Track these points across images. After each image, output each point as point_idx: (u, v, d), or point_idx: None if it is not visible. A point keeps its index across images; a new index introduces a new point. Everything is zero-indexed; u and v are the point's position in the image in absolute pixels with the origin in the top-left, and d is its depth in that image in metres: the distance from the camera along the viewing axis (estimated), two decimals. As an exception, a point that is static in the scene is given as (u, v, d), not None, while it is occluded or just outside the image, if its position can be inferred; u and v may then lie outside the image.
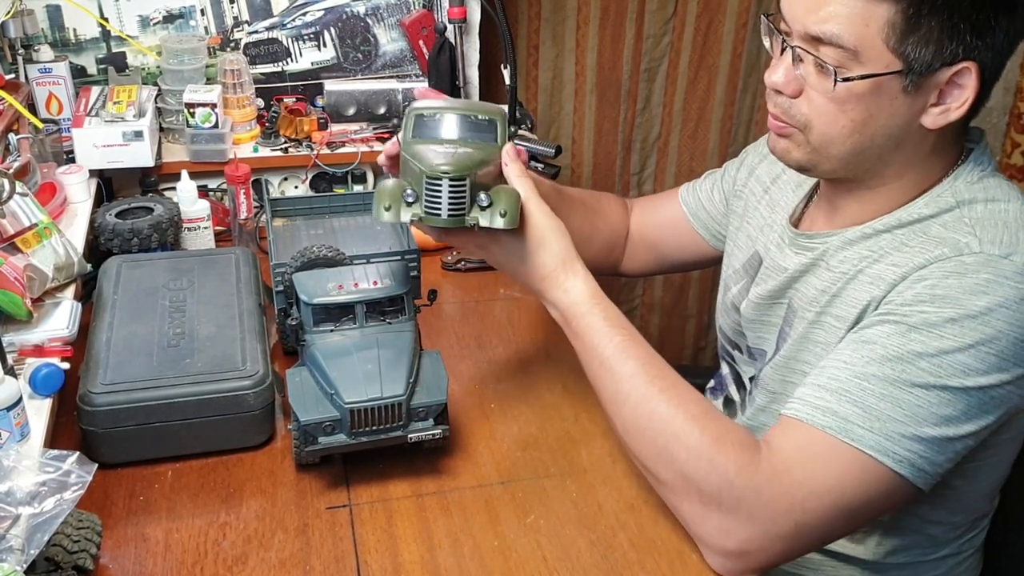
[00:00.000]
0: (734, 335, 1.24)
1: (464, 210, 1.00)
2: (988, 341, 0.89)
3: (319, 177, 1.64)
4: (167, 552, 0.96)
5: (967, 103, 0.93)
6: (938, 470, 0.91)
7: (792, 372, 1.09)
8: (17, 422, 0.96)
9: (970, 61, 0.91)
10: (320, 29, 1.72)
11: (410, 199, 1.00)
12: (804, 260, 1.08)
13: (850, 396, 0.91)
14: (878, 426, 0.89)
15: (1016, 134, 2.11)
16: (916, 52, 0.91)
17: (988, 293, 0.90)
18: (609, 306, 1.02)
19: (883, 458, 0.89)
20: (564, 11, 1.99)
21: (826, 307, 1.04)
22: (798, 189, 1.18)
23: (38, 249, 1.17)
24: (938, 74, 0.92)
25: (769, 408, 1.14)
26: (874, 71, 0.92)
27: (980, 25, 0.90)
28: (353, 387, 1.02)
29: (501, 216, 1.00)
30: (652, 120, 2.15)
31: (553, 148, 1.55)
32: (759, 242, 1.20)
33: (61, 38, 1.63)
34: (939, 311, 0.90)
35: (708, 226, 1.34)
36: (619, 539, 0.99)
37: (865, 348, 0.93)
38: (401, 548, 0.98)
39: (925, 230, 0.98)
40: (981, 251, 0.92)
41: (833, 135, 0.97)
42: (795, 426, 0.93)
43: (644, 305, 2.36)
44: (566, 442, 1.14)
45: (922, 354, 0.90)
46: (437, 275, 1.48)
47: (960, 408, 0.90)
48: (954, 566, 1.13)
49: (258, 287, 1.26)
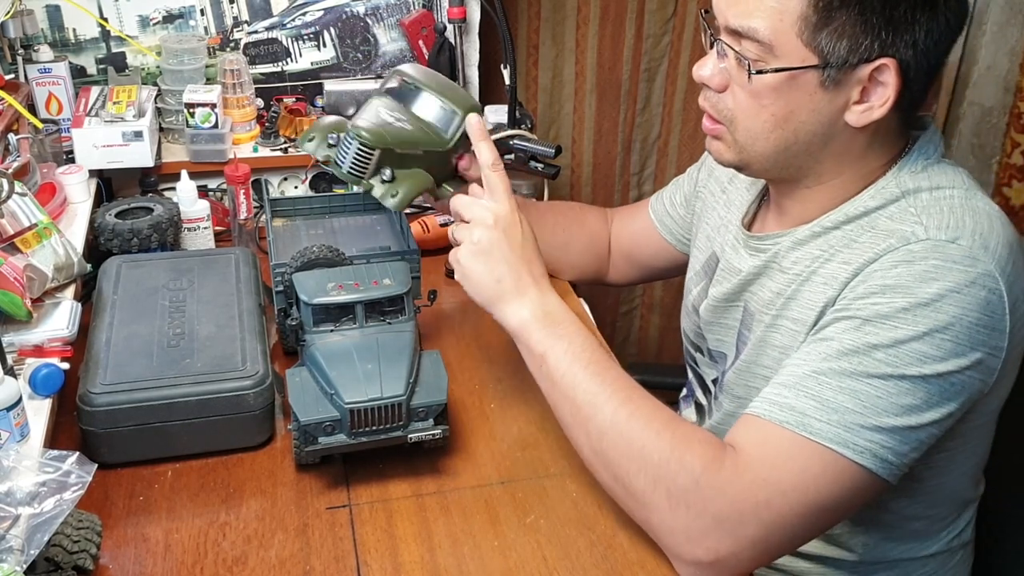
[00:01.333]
0: (695, 338, 1.25)
1: (364, 174, 1.09)
2: (943, 328, 0.89)
3: (319, 177, 1.64)
4: (167, 552, 0.96)
5: (889, 101, 0.93)
6: (903, 461, 0.90)
7: (754, 376, 1.09)
8: (17, 422, 0.96)
9: (888, 58, 0.92)
10: (320, 29, 1.72)
11: (332, 141, 1.10)
12: (757, 262, 1.09)
13: (807, 391, 0.91)
14: (836, 418, 0.88)
15: (1016, 134, 2.12)
16: (830, 47, 0.92)
17: (938, 279, 0.90)
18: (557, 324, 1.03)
19: (843, 450, 0.88)
20: (564, 11, 1.99)
21: (782, 310, 1.04)
22: (752, 188, 1.18)
23: (38, 249, 1.17)
24: (857, 71, 0.93)
25: (736, 413, 1.13)
26: (789, 64, 0.93)
27: (896, 21, 0.91)
28: (353, 387, 1.02)
29: (392, 196, 1.10)
30: (652, 120, 2.15)
31: (553, 148, 1.55)
32: (716, 242, 1.21)
33: (61, 38, 1.63)
34: (891, 301, 0.90)
35: (673, 232, 1.35)
36: (619, 539, 0.99)
37: (822, 345, 0.93)
38: (401, 548, 0.98)
39: (873, 223, 0.98)
40: (928, 237, 0.92)
41: (756, 131, 0.99)
42: (753, 423, 0.93)
43: (644, 305, 2.36)
44: (566, 442, 1.13)
45: (877, 345, 0.89)
46: (440, 282, 1.47)
47: (920, 397, 0.89)
48: (943, 562, 1.13)
49: (258, 287, 1.26)
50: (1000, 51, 2.00)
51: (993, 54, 2.01)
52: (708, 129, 1.04)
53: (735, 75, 0.98)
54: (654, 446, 0.93)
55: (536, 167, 1.58)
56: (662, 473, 0.92)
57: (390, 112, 1.12)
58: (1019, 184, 2.17)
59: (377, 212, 1.46)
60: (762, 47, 0.93)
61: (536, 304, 1.04)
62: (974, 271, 0.90)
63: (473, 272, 1.06)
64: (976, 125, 2.12)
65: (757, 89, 0.96)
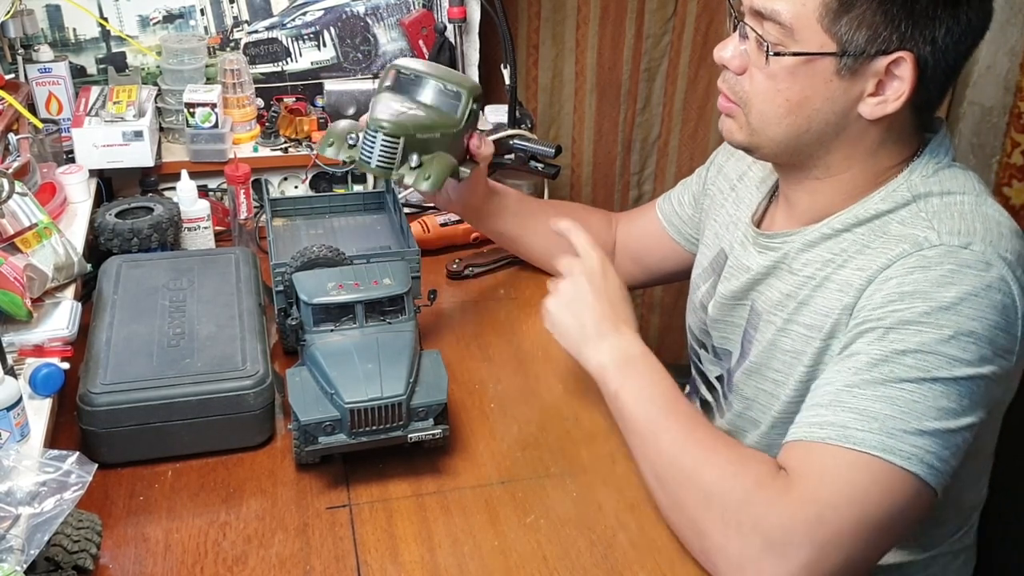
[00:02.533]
0: (700, 335, 1.25)
1: (393, 164, 1.10)
2: (967, 332, 0.88)
3: (319, 177, 1.64)
4: (167, 552, 0.96)
5: (904, 96, 0.94)
6: (947, 468, 0.88)
7: (763, 379, 1.09)
8: (17, 422, 0.96)
9: (906, 52, 0.92)
10: (320, 29, 1.72)
11: (352, 142, 1.10)
12: (766, 261, 1.09)
13: (844, 405, 0.90)
14: (876, 425, 0.87)
15: (1016, 133, 2.12)
16: (849, 35, 0.92)
17: (955, 284, 0.90)
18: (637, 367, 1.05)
19: (890, 456, 0.86)
20: (564, 11, 1.99)
21: (793, 314, 1.04)
22: (761, 185, 1.18)
23: (38, 249, 1.17)
24: (874, 62, 0.93)
25: (745, 415, 1.14)
26: (807, 49, 0.94)
27: (918, 15, 0.91)
28: (353, 387, 1.02)
29: (425, 179, 1.10)
30: (652, 120, 2.15)
31: (553, 148, 1.55)
32: (724, 239, 1.21)
33: (61, 38, 1.63)
34: (911, 307, 0.90)
35: (682, 231, 1.35)
36: (619, 539, 0.99)
37: (850, 361, 0.92)
38: (401, 548, 0.98)
39: (884, 228, 0.98)
40: (941, 243, 0.92)
41: (769, 115, 0.99)
42: (795, 447, 0.91)
43: (644, 305, 2.36)
44: (566, 442, 1.14)
45: (905, 351, 0.89)
46: (440, 281, 1.47)
47: (954, 399, 0.88)
48: (945, 565, 1.13)
49: (258, 287, 1.26)
50: (1000, 51, 2.00)
51: (993, 54, 2.01)
52: (723, 107, 1.05)
53: (754, 57, 0.99)
54: (708, 467, 0.93)
55: (536, 167, 1.58)
56: (715, 491, 0.91)
57: (400, 103, 1.13)
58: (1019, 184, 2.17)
59: (377, 212, 1.46)
60: (783, 30, 0.94)
61: (614, 347, 1.07)
62: (988, 275, 0.90)
63: (558, 319, 1.12)
64: (976, 125, 2.12)
65: (774, 71, 0.96)
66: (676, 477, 0.95)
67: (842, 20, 0.92)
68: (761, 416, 1.11)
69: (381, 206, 1.47)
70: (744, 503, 0.89)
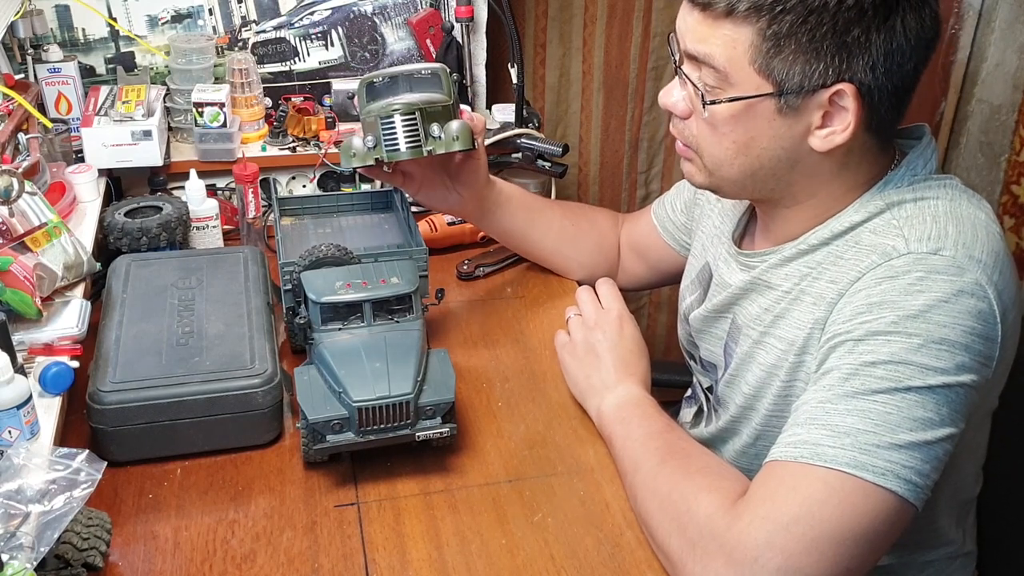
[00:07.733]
0: (689, 346, 1.25)
1: (420, 141, 1.13)
2: (938, 339, 0.86)
3: (327, 176, 1.64)
4: (176, 550, 0.96)
5: (851, 125, 0.92)
6: (926, 481, 0.85)
7: (742, 392, 1.09)
8: (27, 420, 0.96)
9: (845, 83, 0.90)
10: (327, 28, 1.72)
11: (371, 144, 1.13)
12: (746, 277, 1.08)
13: (817, 422, 0.87)
14: (849, 441, 0.84)
15: (1025, 131, 2.10)
16: (784, 74, 0.90)
17: (924, 291, 0.88)
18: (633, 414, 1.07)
19: (861, 473, 0.83)
20: (571, 10, 1.99)
21: (770, 327, 1.03)
22: (742, 202, 1.17)
23: (47, 248, 1.17)
24: (815, 96, 0.91)
25: (731, 426, 1.13)
26: (743, 93, 0.92)
27: (850, 46, 0.89)
28: (361, 385, 1.02)
29: (455, 140, 1.13)
30: (659, 118, 2.15)
31: (560, 147, 1.55)
32: (710, 252, 1.20)
33: (70, 38, 1.63)
34: (879, 317, 0.88)
35: (675, 237, 1.35)
36: (626, 537, 0.99)
37: (824, 379, 0.90)
38: (409, 546, 0.98)
39: (857, 239, 0.97)
40: (909, 251, 0.90)
41: (720, 157, 0.98)
42: (772, 467, 0.89)
43: (652, 303, 2.36)
44: (573, 440, 1.14)
45: (875, 362, 0.87)
46: (448, 280, 1.47)
47: (931, 408, 0.85)
48: (940, 569, 1.12)
49: (266, 286, 1.26)
50: (1009, 48, 1.99)
51: (1002, 51, 2.00)
52: (680, 151, 1.04)
53: (695, 104, 0.97)
54: (676, 495, 0.92)
55: (543, 166, 1.58)
56: (682, 518, 0.90)
57: (390, 100, 1.16)
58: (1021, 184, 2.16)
59: (385, 211, 1.46)
60: (718, 75, 0.93)
61: (616, 397, 1.11)
62: (960, 280, 0.88)
63: (568, 367, 1.20)
64: (985, 123, 2.11)
65: (715, 118, 0.95)
66: (648, 509, 0.96)
67: (774, 61, 0.90)
68: (743, 428, 1.10)
69: (389, 205, 1.47)
70: (706, 526, 0.87)
